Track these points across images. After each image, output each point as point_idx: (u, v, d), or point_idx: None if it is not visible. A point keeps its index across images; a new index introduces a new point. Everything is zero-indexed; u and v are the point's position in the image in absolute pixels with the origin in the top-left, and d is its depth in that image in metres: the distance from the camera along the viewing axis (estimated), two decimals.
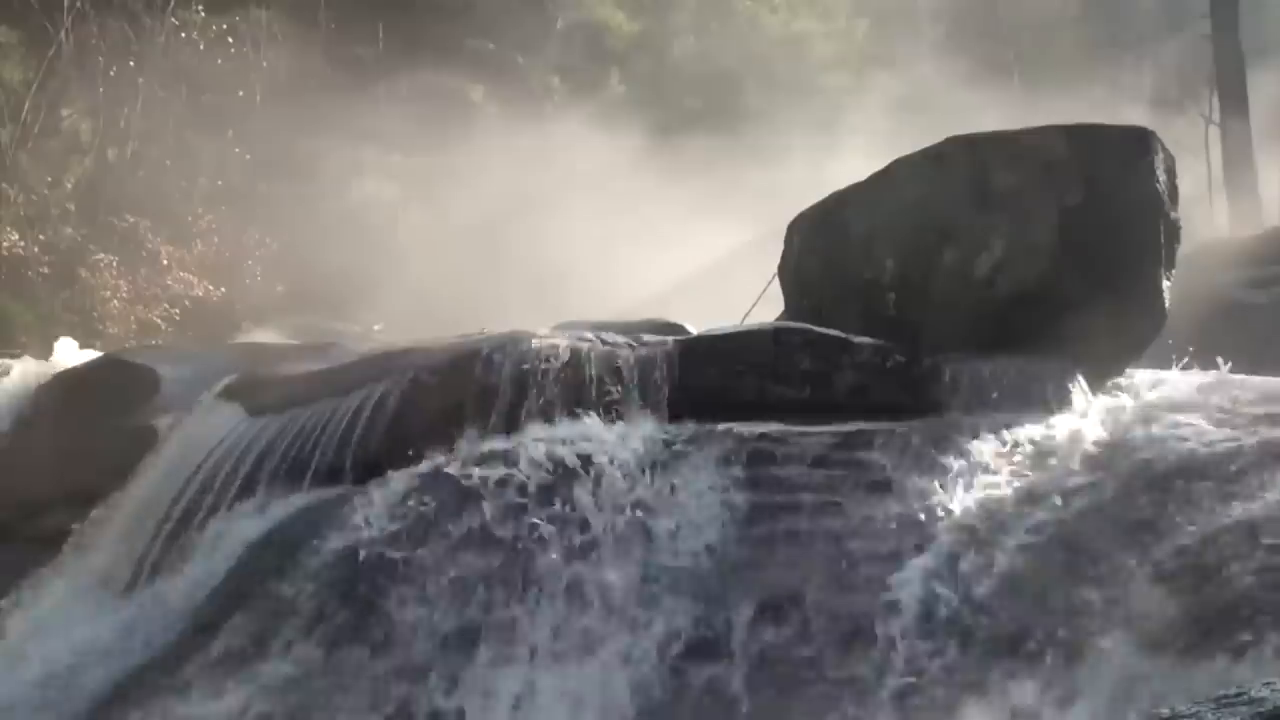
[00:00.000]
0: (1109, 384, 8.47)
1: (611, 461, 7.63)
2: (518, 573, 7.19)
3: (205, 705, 7.03)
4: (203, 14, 22.10)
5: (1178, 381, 8.45)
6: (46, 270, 19.06)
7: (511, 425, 7.99)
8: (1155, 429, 7.48)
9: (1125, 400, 8.13)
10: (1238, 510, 6.37)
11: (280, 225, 21.43)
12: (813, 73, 29.00)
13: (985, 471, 7.33)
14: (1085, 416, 7.84)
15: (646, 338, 8.50)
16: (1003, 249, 8.45)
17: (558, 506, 7.44)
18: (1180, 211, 8.83)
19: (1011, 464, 7.38)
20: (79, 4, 20.72)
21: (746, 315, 11.96)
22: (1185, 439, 7.23)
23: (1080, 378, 8.12)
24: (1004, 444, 7.52)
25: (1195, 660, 5.66)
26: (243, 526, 8.11)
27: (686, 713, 6.52)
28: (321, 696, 6.91)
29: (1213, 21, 25.68)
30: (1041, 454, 7.43)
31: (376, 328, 19.78)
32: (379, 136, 22.63)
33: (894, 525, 7.01)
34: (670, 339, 8.53)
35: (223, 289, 20.77)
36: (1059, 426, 7.66)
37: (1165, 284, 8.61)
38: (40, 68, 20.53)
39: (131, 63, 21.31)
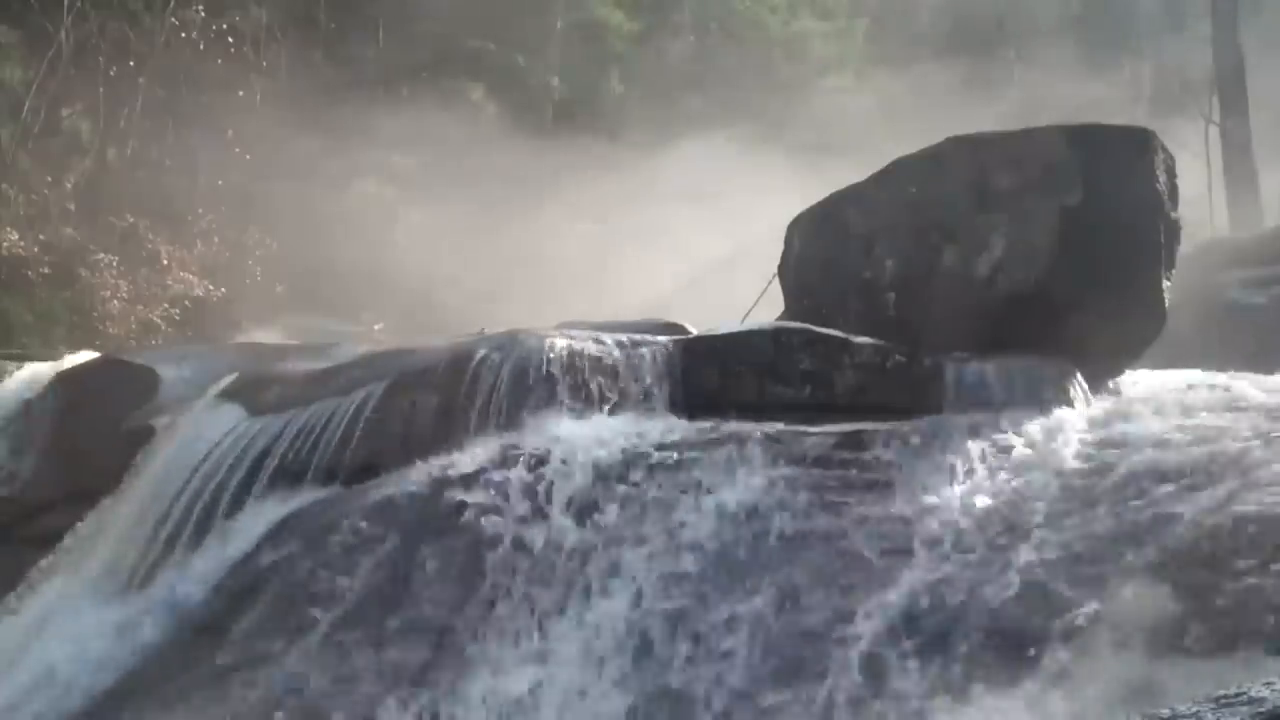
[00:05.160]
0: (1109, 384, 8.47)
1: (610, 461, 7.63)
2: (516, 572, 7.19)
3: (204, 706, 7.03)
4: (203, 14, 22.08)
5: (1178, 381, 8.45)
6: (46, 270, 19.02)
7: (510, 425, 7.99)
8: (1154, 429, 7.48)
9: (1125, 400, 8.13)
10: (1237, 509, 6.37)
11: (280, 225, 21.42)
12: (812, 73, 29.02)
13: (985, 471, 7.32)
14: (1085, 417, 7.84)
15: (646, 338, 8.50)
16: (1003, 249, 8.45)
17: (556, 506, 7.44)
18: (1180, 211, 8.83)
19: (1011, 464, 7.38)
20: (79, 4, 20.71)
21: (747, 315, 11.96)
22: (1184, 438, 7.23)
23: (1080, 378, 8.13)
24: (1003, 444, 7.52)
25: (1195, 660, 5.66)
26: (242, 527, 8.11)
27: (688, 710, 6.52)
28: (323, 697, 6.91)
29: (1212, 21, 25.71)
30: (1041, 454, 7.42)
31: (376, 328, 19.79)
32: (378, 136, 22.63)
33: (893, 525, 7.01)
34: (670, 339, 8.53)
35: (223, 289, 20.75)
36: (1058, 427, 7.66)
37: (1165, 284, 8.61)
38: (40, 68, 20.51)
39: (131, 63, 21.29)
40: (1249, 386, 8.11)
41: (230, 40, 22.28)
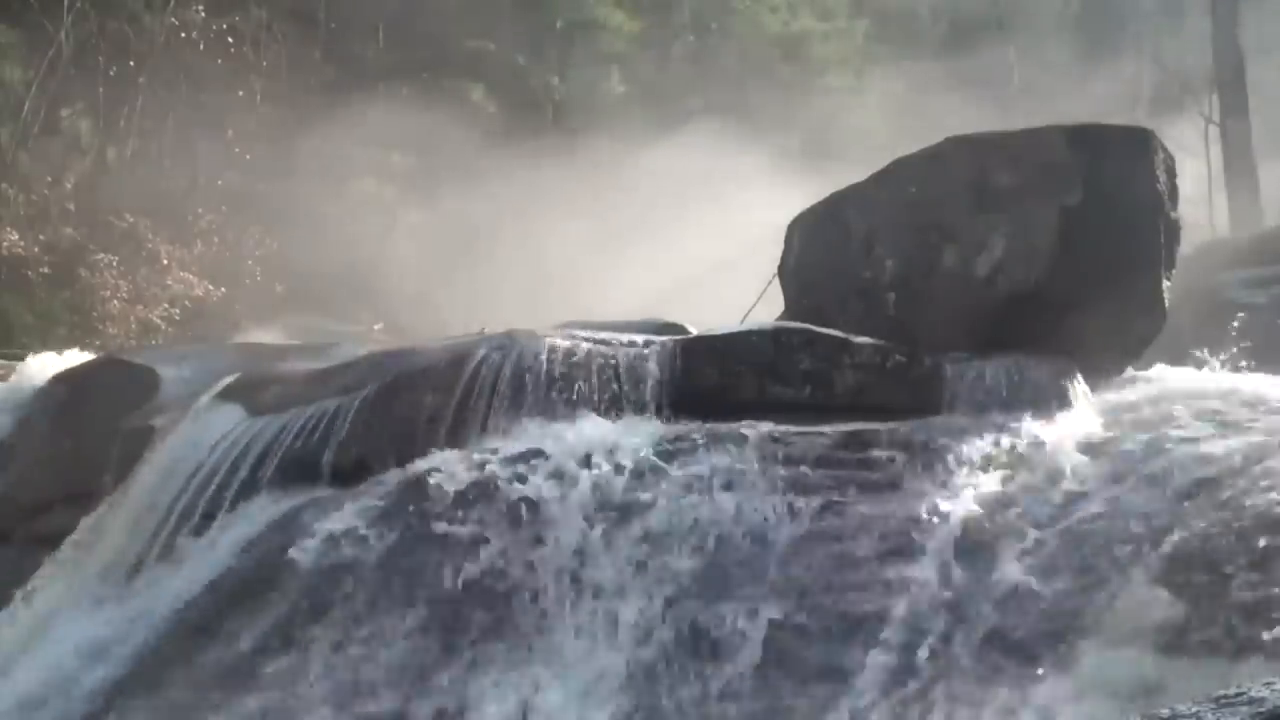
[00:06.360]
0: (1109, 384, 8.47)
1: (611, 461, 7.62)
2: (517, 572, 7.19)
3: (203, 707, 7.03)
4: (203, 14, 22.10)
5: (1177, 381, 8.45)
6: (46, 270, 19.06)
7: (510, 425, 7.98)
8: (1154, 429, 7.48)
9: (1125, 400, 8.12)
10: (1238, 510, 6.37)
11: (280, 225, 21.44)
12: (812, 73, 29.04)
13: (985, 472, 7.32)
14: (1085, 417, 7.84)
15: (646, 338, 8.50)
16: (1003, 249, 8.45)
17: (557, 506, 7.43)
18: (1180, 211, 8.84)
19: (1011, 464, 7.38)
20: (79, 4, 20.73)
21: (747, 315, 11.96)
22: (1184, 439, 7.23)
23: (1080, 378, 8.12)
24: (1003, 444, 7.51)
25: (1195, 660, 5.66)
26: (241, 527, 8.10)
27: (689, 712, 6.52)
28: (320, 698, 6.91)
29: (1212, 21, 25.72)
30: (1041, 454, 7.42)
31: (376, 328, 19.81)
32: (378, 136, 22.65)
33: (894, 525, 7.01)
34: (670, 339, 8.52)
35: (223, 289, 20.77)
36: (1059, 427, 7.66)
37: (1165, 284, 8.61)
38: (40, 68, 20.54)
39: (131, 63, 21.31)
40: (1253, 388, 8.10)
41: (230, 40, 22.30)
